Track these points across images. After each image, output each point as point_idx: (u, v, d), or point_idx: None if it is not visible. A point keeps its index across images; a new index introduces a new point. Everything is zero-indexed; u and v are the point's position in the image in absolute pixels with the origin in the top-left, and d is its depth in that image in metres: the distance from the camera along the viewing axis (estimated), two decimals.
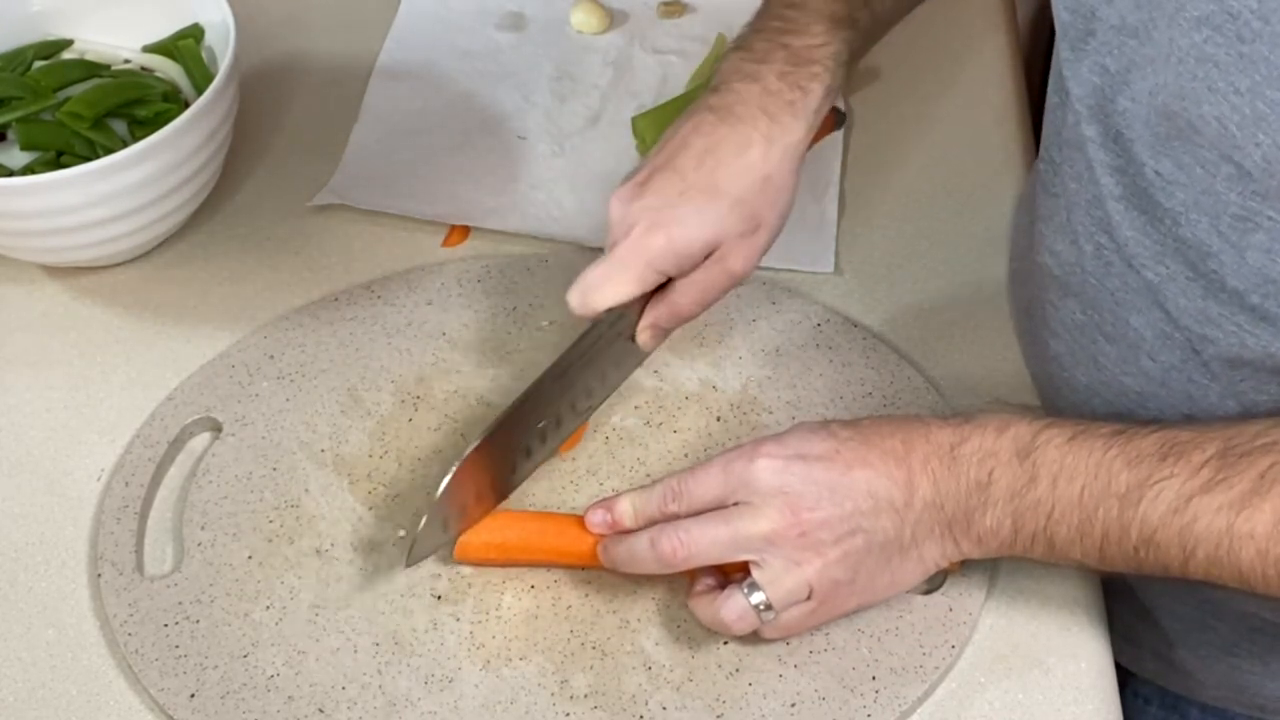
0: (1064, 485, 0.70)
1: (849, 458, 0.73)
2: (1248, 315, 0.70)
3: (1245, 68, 0.62)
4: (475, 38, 1.13)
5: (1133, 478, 0.69)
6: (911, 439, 0.73)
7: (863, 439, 0.74)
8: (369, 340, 0.92)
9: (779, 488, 0.72)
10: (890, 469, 0.73)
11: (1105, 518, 0.70)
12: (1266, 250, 0.67)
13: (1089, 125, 0.74)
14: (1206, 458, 0.68)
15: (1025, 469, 0.71)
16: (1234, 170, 0.65)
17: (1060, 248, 0.81)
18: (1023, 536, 0.72)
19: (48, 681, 0.78)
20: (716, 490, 0.74)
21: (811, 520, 0.72)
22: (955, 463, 0.72)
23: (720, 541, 0.73)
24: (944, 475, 0.72)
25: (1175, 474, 0.68)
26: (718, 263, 0.81)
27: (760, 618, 0.74)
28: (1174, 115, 0.67)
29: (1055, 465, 0.71)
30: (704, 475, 0.75)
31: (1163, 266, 0.72)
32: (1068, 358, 0.83)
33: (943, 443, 0.73)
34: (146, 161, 0.88)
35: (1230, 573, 0.68)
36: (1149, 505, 0.68)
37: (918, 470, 0.72)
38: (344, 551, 0.82)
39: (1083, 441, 0.71)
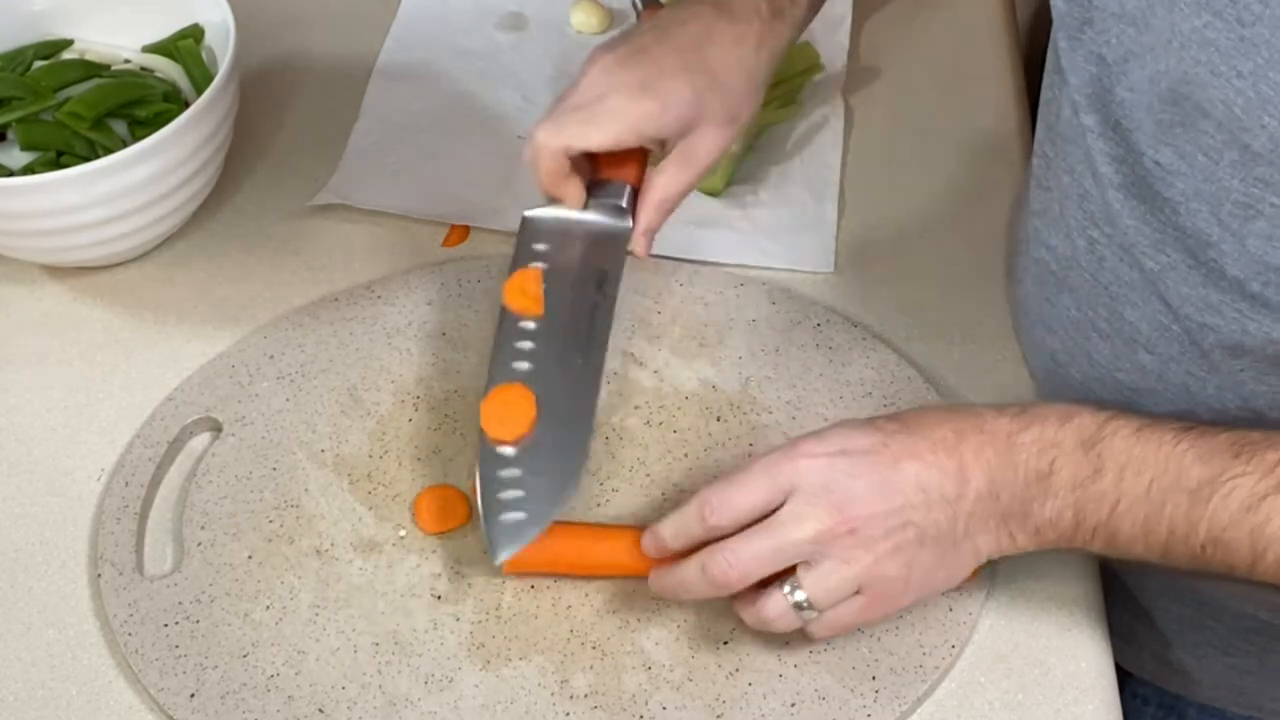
0: (1131, 478, 0.68)
1: (896, 450, 0.71)
2: (1248, 303, 0.69)
3: (1247, 51, 0.62)
4: (475, 38, 1.13)
5: (1205, 473, 0.67)
6: (963, 428, 0.72)
7: (909, 430, 0.72)
8: (369, 340, 0.92)
9: (824, 485, 0.71)
10: (941, 460, 0.71)
11: (1173, 513, 0.68)
12: (1268, 237, 0.67)
13: (1087, 115, 0.74)
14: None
15: (1090, 459, 0.69)
16: (1238, 156, 0.65)
17: (1054, 242, 0.81)
18: (1084, 529, 0.70)
19: (48, 681, 0.78)
20: (761, 496, 0.72)
21: (860, 517, 0.70)
22: (1012, 451, 0.70)
23: (768, 554, 0.71)
24: (1000, 464, 0.70)
25: (1249, 472, 0.66)
26: (693, 141, 0.83)
27: (801, 616, 0.72)
28: (1179, 101, 0.67)
29: (1123, 456, 0.69)
30: (744, 483, 0.72)
31: (1163, 255, 0.72)
32: (1063, 354, 0.83)
33: (999, 431, 0.71)
34: (146, 161, 0.88)
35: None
36: (1220, 503, 0.67)
37: (970, 460, 0.71)
38: (344, 551, 0.82)
39: (1151, 434, 0.69)
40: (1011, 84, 1.09)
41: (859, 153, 1.04)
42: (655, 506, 0.83)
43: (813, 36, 1.09)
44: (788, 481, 0.71)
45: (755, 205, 1.00)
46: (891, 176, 1.02)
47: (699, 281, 0.94)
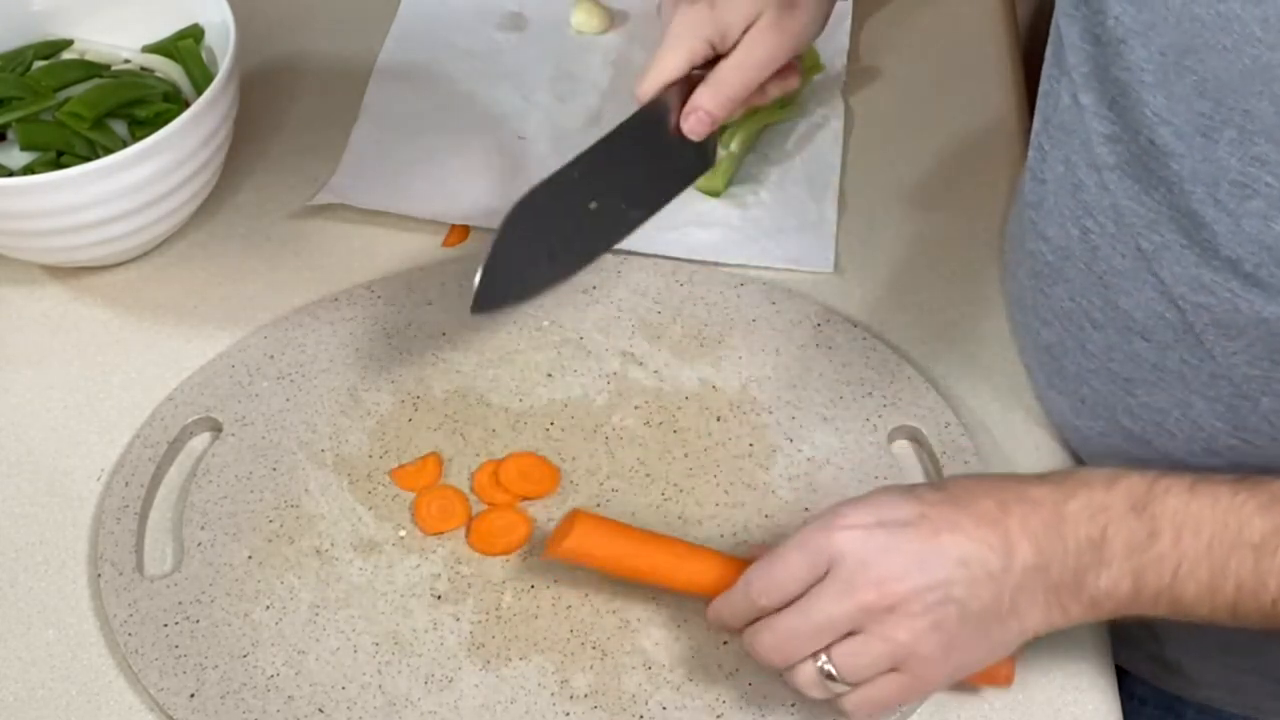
0: (1189, 538, 0.66)
1: (937, 523, 0.68)
2: (1240, 282, 0.69)
3: (1225, 25, 0.62)
4: (475, 38, 1.13)
5: (1267, 524, 0.65)
6: (1006, 499, 0.69)
7: (952, 502, 0.69)
8: (369, 340, 0.92)
9: (861, 560, 0.68)
10: (984, 533, 0.68)
11: (1239, 570, 0.65)
12: (1264, 216, 0.66)
13: (1085, 94, 0.74)
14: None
15: (1144, 522, 0.67)
16: (1235, 134, 0.66)
17: (1049, 233, 0.81)
18: (1144, 596, 0.67)
19: (48, 681, 0.78)
20: (802, 572, 0.69)
21: (898, 592, 0.67)
22: (1061, 521, 0.67)
23: (808, 633, 0.69)
24: (1047, 536, 0.67)
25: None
26: (755, 36, 0.84)
27: (830, 688, 0.70)
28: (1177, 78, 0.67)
29: (1178, 516, 0.66)
30: (786, 559, 0.70)
31: (1157, 235, 0.72)
32: (1058, 346, 0.83)
33: (1044, 500, 0.68)
34: (146, 161, 0.88)
35: None
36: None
37: (1016, 532, 0.68)
38: (344, 551, 0.82)
39: (1205, 490, 0.67)
40: (1011, 84, 1.09)
41: (859, 153, 1.04)
42: (655, 506, 0.83)
43: None
44: (826, 556, 0.69)
45: (755, 205, 1.00)
46: (891, 176, 1.02)
47: (699, 281, 0.94)
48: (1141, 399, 0.78)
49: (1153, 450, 0.79)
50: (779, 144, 1.04)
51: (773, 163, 1.03)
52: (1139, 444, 0.80)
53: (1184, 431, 0.77)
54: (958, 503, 0.69)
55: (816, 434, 0.86)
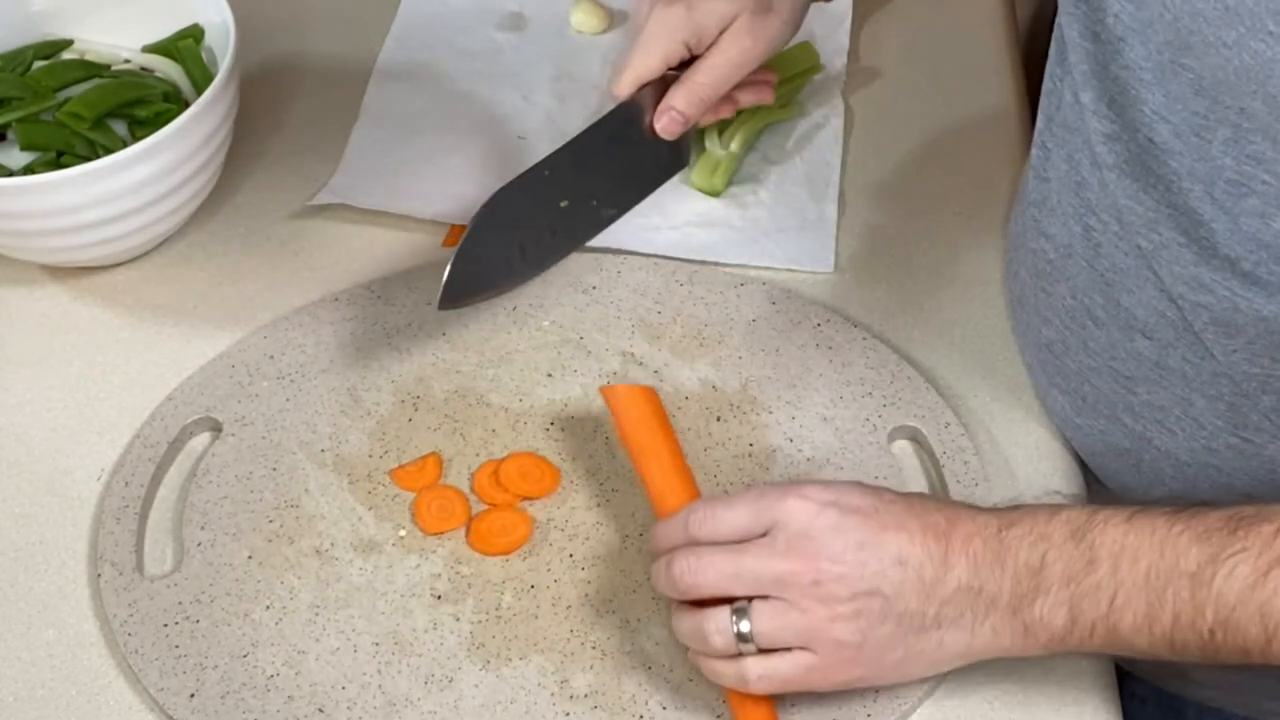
0: (1127, 566, 0.66)
1: (886, 519, 0.70)
2: (1239, 280, 0.69)
3: (1231, 20, 0.62)
4: (475, 38, 1.13)
5: (1203, 553, 0.65)
6: (956, 517, 0.70)
7: (907, 506, 0.71)
8: (369, 340, 0.92)
9: (804, 530, 0.69)
10: (927, 541, 0.69)
11: (1176, 599, 0.65)
12: (1260, 215, 0.67)
13: (1085, 92, 0.74)
14: (1278, 528, 0.64)
15: (1082, 551, 0.67)
16: (1230, 133, 0.66)
17: (1052, 231, 0.81)
18: (1080, 626, 0.67)
19: (48, 681, 0.78)
20: (743, 521, 0.71)
21: (830, 571, 0.69)
22: (1002, 546, 0.68)
23: (729, 574, 0.70)
24: (987, 559, 0.68)
25: (1249, 547, 0.64)
26: (730, 38, 0.85)
27: (739, 646, 0.70)
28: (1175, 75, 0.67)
29: (1116, 545, 0.67)
30: (732, 503, 0.72)
31: (1156, 234, 0.72)
32: (1059, 344, 0.83)
33: (989, 524, 0.69)
34: (146, 161, 0.88)
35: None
36: (1224, 582, 0.64)
37: (957, 548, 0.69)
38: (344, 551, 0.82)
39: (1143, 520, 0.67)
40: (1011, 84, 1.09)
41: (859, 153, 1.04)
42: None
43: (813, 36, 1.09)
44: (772, 516, 0.70)
45: (755, 205, 1.00)
46: (891, 176, 1.02)
47: (699, 281, 0.94)
48: (1143, 397, 0.78)
49: (1153, 448, 0.80)
50: (779, 144, 1.04)
51: (773, 163, 1.03)
52: (1139, 442, 0.80)
53: (1184, 429, 0.77)
54: (911, 509, 0.71)
55: (816, 434, 0.86)
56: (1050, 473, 0.86)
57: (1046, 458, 0.87)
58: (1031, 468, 0.86)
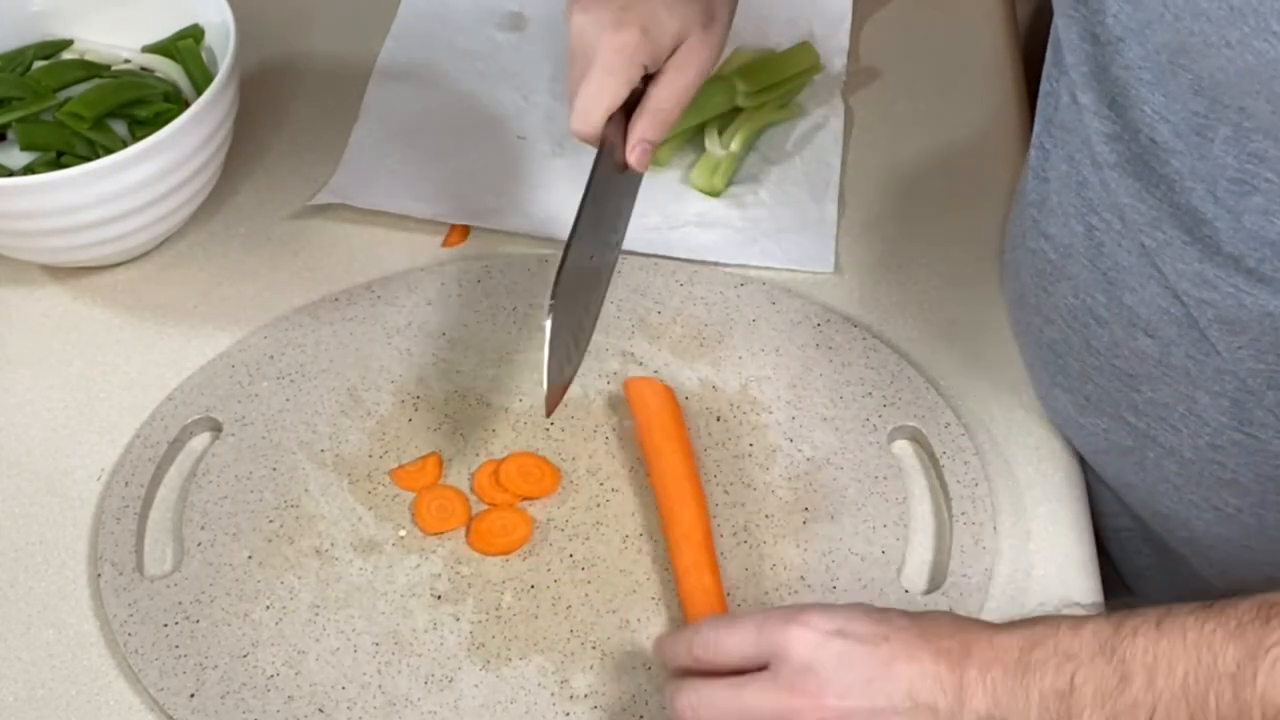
0: (1163, 677, 0.62)
1: (895, 649, 0.65)
2: (1244, 277, 0.69)
3: (1235, 20, 0.62)
4: (475, 38, 1.13)
5: (1240, 650, 0.61)
6: (971, 643, 0.65)
7: (919, 632, 0.66)
8: (369, 340, 0.92)
9: (808, 664, 0.65)
10: (941, 671, 0.65)
11: (1219, 704, 0.61)
12: (1264, 212, 0.66)
13: (1084, 94, 0.74)
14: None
15: (1114, 667, 0.63)
16: (1231, 131, 0.66)
17: (1053, 231, 0.81)
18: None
19: (48, 681, 0.78)
20: (747, 650, 0.68)
21: (835, 709, 0.64)
22: (1026, 670, 0.64)
23: (729, 713, 0.67)
24: (1009, 686, 0.64)
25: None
26: (685, 58, 0.84)
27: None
28: (1174, 75, 0.67)
29: (1148, 655, 0.62)
30: (737, 630, 0.69)
31: (1159, 232, 0.72)
32: (1061, 344, 0.83)
33: (1009, 648, 0.65)
34: (146, 161, 0.88)
35: None
36: (1266, 678, 0.60)
37: (974, 678, 0.64)
38: (344, 551, 0.82)
39: (1173, 623, 0.63)
40: (1011, 84, 1.09)
41: (859, 153, 1.04)
42: (655, 506, 0.83)
43: (813, 36, 1.09)
44: (775, 646, 0.67)
45: (755, 205, 1.00)
46: (891, 176, 1.02)
47: (699, 281, 0.94)
48: (1146, 395, 0.78)
49: (1157, 446, 0.80)
50: (779, 144, 1.04)
51: (773, 163, 1.03)
52: (1143, 440, 0.80)
53: (1188, 427, 0.77)
54: (924, 635, 0.66)
55: (816, 434, 0.86)
56: (1050, 472, 0.86)
57: (1046, 458, 0.87)
58: (1031, 468, 0.86)
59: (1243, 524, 0.79)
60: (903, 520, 0.83)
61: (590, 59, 0.82)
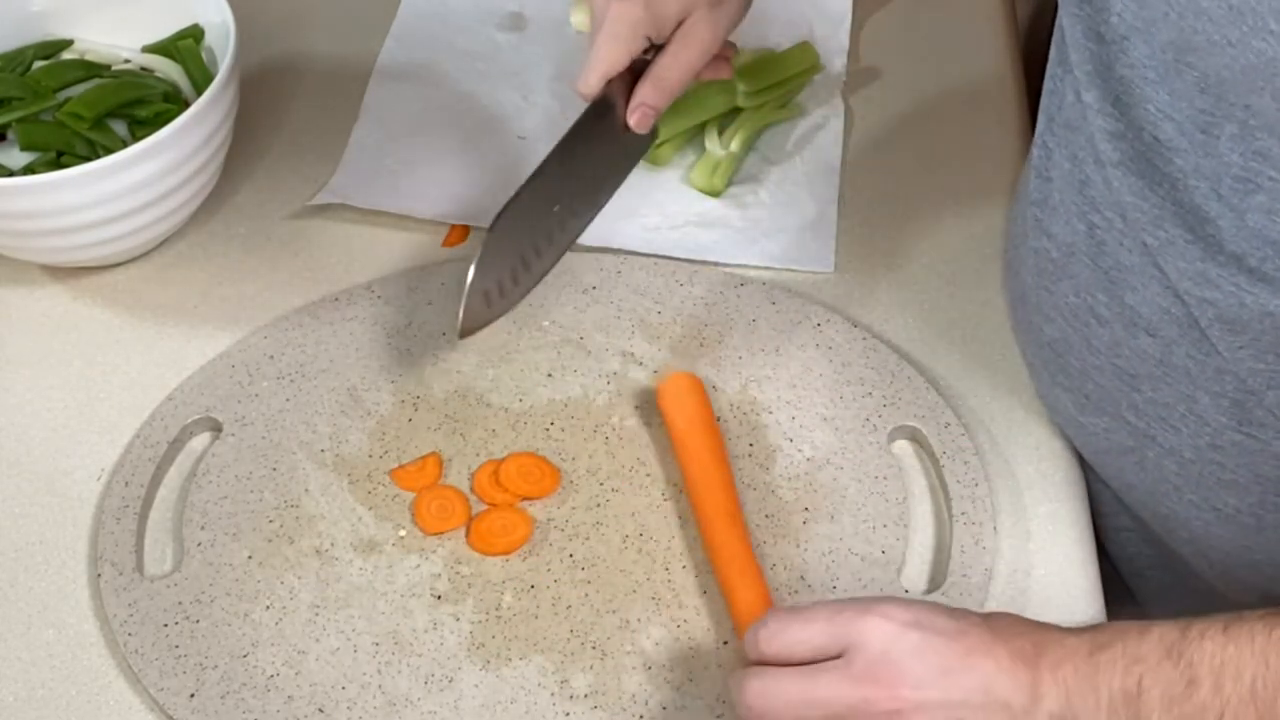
0: (1231, 682, 0.62)
1: (973, 644, 0.65)
2: (1246, 276, 0.69)
3: (1235, 19, 0.62)
4: (475, 38, 1.13)
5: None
6: (1043, 642, 0.66)
7: (991, 629, 0.67)
8: (369, 340, 0.92)
9: (884, 653, 0.65)
10: (1016, 668, 0.65)
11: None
12: (1267, 211, 0.67)
13: (1088, 92, 0.74)
14: None
15: (1181, 671, 0.63)
16: (1236, 130, 0.66)
17: (1055, 230, 0.81)
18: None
19: (48, 681, 0.78)
20: (819, 640, 0.67)
21: (911, 699, 0.64)
22: (1095, 671, 0.64)
23: (799, 702, 0.66)
24: (1079, 686, 0.64)
25: None
26: (690, 32, 0.86)
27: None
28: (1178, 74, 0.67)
29: (1216, 660, 0.63)
30: (809, 619, 0.68)
31: (1161, 231, 0.72)
32: (1062, 343, 0.83)
33: (1078, 649, 0.65)
34: (146, 161, 0.88)
35: None
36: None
37: (1047, 677, 0.65)
38: (344, 551, 0.82)
39: (1240, 629, 0.63)
40: (1011, 84, 1.09)
41: (859, 153, 1.04)
42: (655, 506, 0.83)
43: (813, 36, 1.09)
44: (849, 635, 0.66)
45: (755, 205, 1.00)
46: (891, 176, 1.02)
47: (699, 281, 0.94)
48: (1147, 394, 0.78)
49: (1157, 445, 0.80)
50: (779, 144, 1.04)
51: (773, 163, 1.03)
52: (1143, 440, 0.80)
53: (1189, 426, 0.77)
54: (997, 633, 0.67)
55: (816, 434, 0.86)
56: (1050, 472, 0.86)
57: (1047, 458, 0.87)
58: (1032, 468, 0.86)
59: (1242, 524, 0.79)
60: (903, 520, 0.83)
61: (601, 28, 0.86)
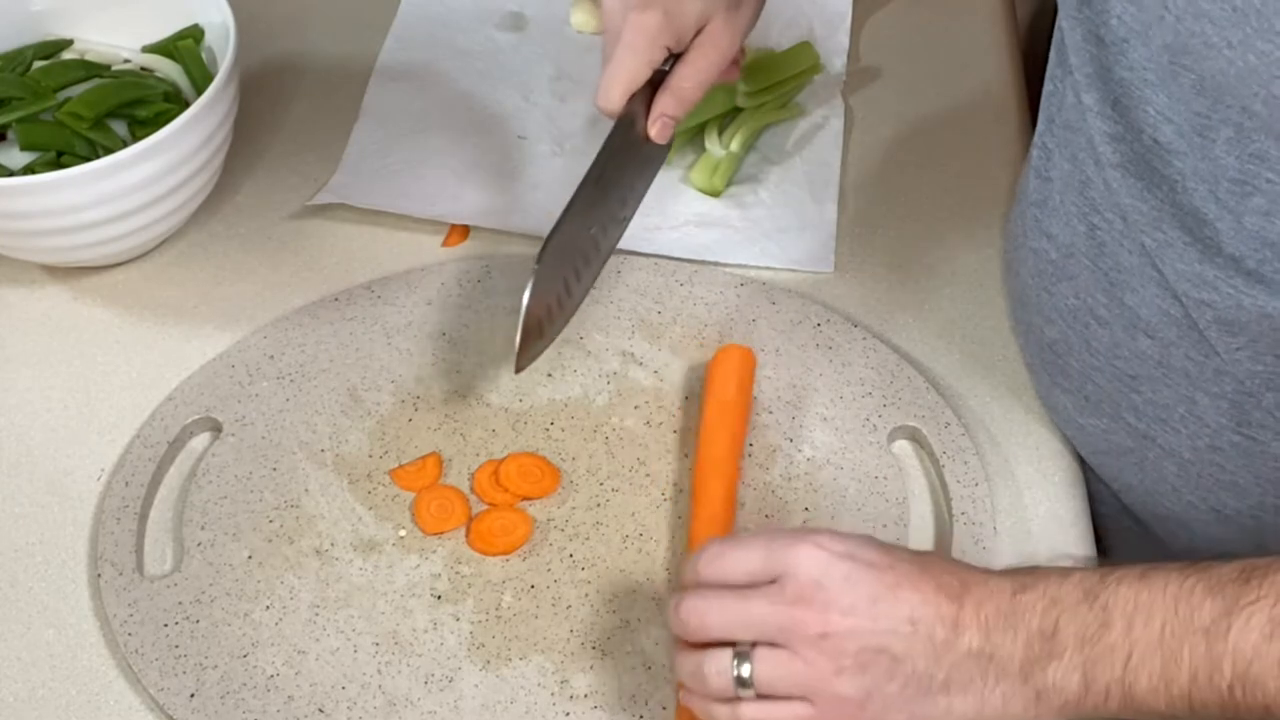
0: (1140, 626, 0.65)
1: (900, 577, 0.67)
2: (1244, 278, 0.69)
3: (1238, 21, 0.62)
4: (475, 38, 1.13)
5: (1217, 607, 0.64)
6: (969, 580, 0.68)
7: (920, 564, 0.69)
8: (369, 340, 0.92)
9: (816, 580, 0.67)
10: (940, 602, 0.67)
11: (1192, 656, 0.64)
12: (1265, 213, 0.67)
13: (1087, 94, 0.74)
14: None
15: (1095, 612, 0.66)
16: (1233, 133, 0.66)
17: (1054, 231, 0.81)
18: (1095, 690, 0.66)
19: (48, 681, 0.78)
20: (754, 564, 0.69)
21: (839, 625, 0.66)
22: (1014, 612, 0.67)
23: (733, 620, 0.68)
24: (999, 624, 0.67)
25: (1263, 596, 0.63)
26: (708, 39, 0.86)
27: (736, 690, 0.68)
28: (1176, 76, 0.67)
29: (1129, 604, 0.65)
30: (745, 545, 0.70)
31: (1160, 232, 0.72)
32: (1061, 344, 0.83)
33: (1002, 589, 0.67)
34: (146, 161, 0.88)
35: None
36: (1239, 635, 0.63)
37: (970, 612, 0.67)
38: (344, 551, 0.82)
39: (1156, 576, 0.66)
40: (1012, 84, 1.09)
41: (859, 153, 1.04)
42: (655, 506, 0.83)
43: (813, 36, 1.09)
44: (784, 562, 0.68)
45: (755, 205, 1.00)
46: (891, 176, 1.02)
47: (699, 281, 0.94)
48: (1146, 395, 0.78)
49: (1156, 446, 0.80)
50: (779, 144, 1.04)
51: (773, 163, 1.03)
52: (1142, 441, 0.80)
53: (1188, 427, 0.77)
54: (926, 569, 0.69)
55: (816, 434, 0.86)
56: (1050, 472, 0.86)
57: (1047, 458, 0.87)
58: (1032, 468, 0.86)
59: (1241, 525, 0.79)
60: (903, 520, 0.83)
61: (617, 38, 0.85)
